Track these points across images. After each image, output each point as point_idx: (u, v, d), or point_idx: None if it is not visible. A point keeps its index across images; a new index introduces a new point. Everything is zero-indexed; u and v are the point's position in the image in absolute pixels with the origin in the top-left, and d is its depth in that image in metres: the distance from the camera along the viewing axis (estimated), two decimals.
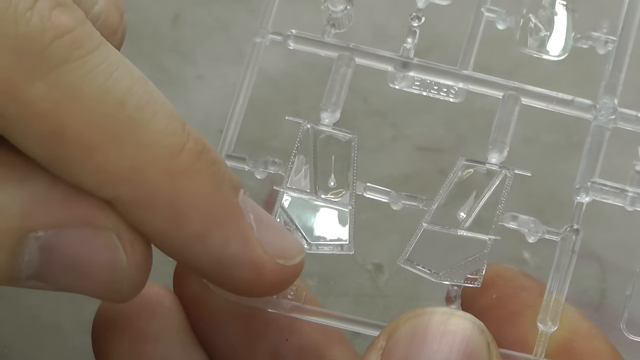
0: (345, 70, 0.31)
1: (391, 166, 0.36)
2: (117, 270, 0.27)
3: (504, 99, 0.31)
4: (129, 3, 0.43)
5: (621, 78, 0.31)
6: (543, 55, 0.31)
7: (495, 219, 0.29)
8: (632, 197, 0.30)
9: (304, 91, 0.42)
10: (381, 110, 0.42)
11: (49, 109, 0.25)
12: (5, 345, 0.38)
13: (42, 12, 0.25)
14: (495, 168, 0.30)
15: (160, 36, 0.42)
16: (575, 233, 0.30)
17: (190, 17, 0.42)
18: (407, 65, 0.31)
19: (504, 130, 0.30)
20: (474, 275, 0.29)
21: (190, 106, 0.41)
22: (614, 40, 0.31)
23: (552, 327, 0.29)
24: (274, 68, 0.38)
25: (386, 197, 0.30)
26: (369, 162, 0.41)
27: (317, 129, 0.30)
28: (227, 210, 0.27)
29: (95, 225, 0.27)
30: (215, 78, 0.41)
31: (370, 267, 0.40)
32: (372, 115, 0.42)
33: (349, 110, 0.42)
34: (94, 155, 0.26)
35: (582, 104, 0.31)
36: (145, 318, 0.31)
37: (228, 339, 0.31)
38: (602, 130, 0.30)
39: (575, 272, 0.30)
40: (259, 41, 0.31)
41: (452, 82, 0.31)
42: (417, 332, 0.27)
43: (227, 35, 0.34)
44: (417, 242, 0.29)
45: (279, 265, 0.28)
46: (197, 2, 0.41)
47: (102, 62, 0.26)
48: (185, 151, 0.27)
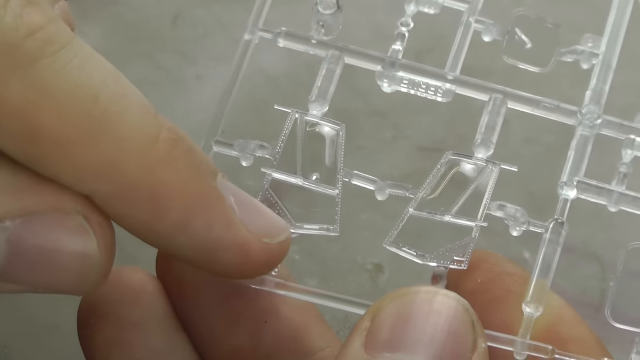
0: (334, 68, 0.31)
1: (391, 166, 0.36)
2: (88, 256, 0.27)
3: (489, 101, 0.31)
4: (129, 3, 0.43)
5: (606, 89, 0.32)
6: (527, 67, 0.32)
7: (482, 208, 0.30)
8: (616, 197, 0.31)
9: (304, 91, 0.42)
10: (381, 110, 0.42)
11: (22, 107, 0.25)
12: (5, 346, 0.38)
13: (15, 9, 0.25)
14: (482, 162, 0.30)
15: (160, 36, 0.42)
16: (560, 226, 0.30)
17: (190, 17, 0.42)
18: (395, 65, 0.31)
19: (489, 131, 0.31)
20: (460, 257, 0.29)
21: (190, 106, 0.41)
22: (597, 55, 0.32)
23: (538, 311, 0.29)
24: (274, 68, 0.38)
25: (372, 185, 0.30)
26: (369, 162, 0.41)
27: (305, 118, 0.30)
28: (207, 196, 0.27)
29: (63, 209, 0.26)
30: (215, 78, 0.41)
31: (370, 267, 0.40)
32: (372, 115, 0.42)
33: (349, 110, 0.42)
34: (70, 151, 0.25)
35: (567, 109, 0.31)
36: (128, 304, 0.31)
37: (209, 321, 0.31)
38: (586, 135, 0.31)
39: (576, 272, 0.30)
40: (249, 38, 0.31)
41: (439, 83, 0.31)
42: (401, 312, 0.27)
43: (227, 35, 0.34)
44: (403, 227, 0.29)
45: (265, 244, 0.28)
46: (197, 2, 0.41)
47: (74, 57, 0.26)
48: (160, 141, 0.26)
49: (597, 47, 0.32)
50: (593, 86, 0.32)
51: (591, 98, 0.32)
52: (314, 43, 0.31)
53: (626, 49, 0.33)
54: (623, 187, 0.31)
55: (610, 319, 0.30)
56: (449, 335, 0.27)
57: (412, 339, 0.27)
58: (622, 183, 0.31)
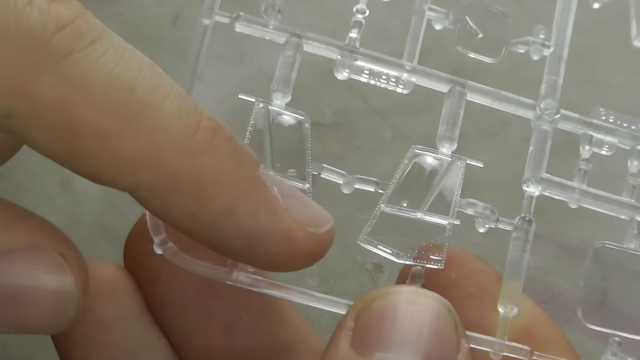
0: (294, 55, 0.30)
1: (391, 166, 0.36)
2: (64, 293, 0.27)
3: (448, 93, 0.31)
4: (129, 3, 0.43)
5: (559, 82, 0.32)
6: (479, 57, 0.32)
7: (453, 205, 0.30)
8: (578, 193, 0.31)
9: (304, 91, 0.42)
10: (381, 110, 0.42)
11: (59, 102, 0.25)
12: (5, 346, 0.38)
13: (40, 6, 0.25)
14: (447, 157, 0.30)
15: (160, 36, 0.42)
16: (528, 223, 0.30)
17: (190, 17, 0.42)
18: (354, 53, 0.31)
19: (451, 124, 0.31)
20: (436, 256, 0.29)
21: None
22: (549, 46, 0.32)
23: (513, 311, 0.29)
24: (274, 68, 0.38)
25: (341, 179, 0.30)
26: (369, 162, 0.41)
27: (270, 108, 0.30)
28: (250, 184, 0.27)
29: (39, 247, 0.26)
30: (215, 78, 0.41)
31: (370, 267, 0.40)
32: (372, 115, 0.42)
33: (349, 110, 0.42)
34: (110, 143, 0.25)
35: (526, 103, 0.31)
36: (102, 301, 0.31)
37: (183, 317, 0.31)
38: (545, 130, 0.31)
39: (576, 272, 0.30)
40: (207, 23, 0.31)
41: (398, 73, 0.31)
42: (386, 313, 0.27)
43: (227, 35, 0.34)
44: (375, 224, 0.29)
45: (311, 234, 0.27)
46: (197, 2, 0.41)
47: (107, 49, 0.25)
48: (200, 129, 0.26)
49: (549, 39, 0.32)
50: (547, 79, 0.32)
51: (546, 91, 0.32)
52: (270, 29, 0.31)
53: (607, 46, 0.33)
54: (584, 185, 0.31)
55: (583, 320, 0.30)
56: (436, 335, 0.27)
57: (401, 339, 0.27)
58: (583, 180, 0.31)
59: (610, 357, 0.30)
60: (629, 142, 0.32)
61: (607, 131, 0.32)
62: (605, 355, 0.30)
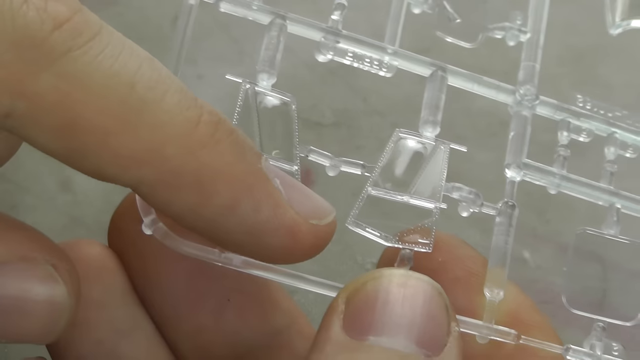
0: (278, 36, 0.30)
1: None
2: (56, 303, 0.27)
3: (430, 77, 0.31)
4: (129, 3, 0.43)
5: (537, 67, 0.32)
6: (456, 41, 0.32)
7: (439, 190, 0.30)
8: (558, 178, 0.31)
9: (304, 91, 0.42)
10: (381, 110, 0.42)
11: (58, 100, 0.25)
12: (6, 345, 0.38)
13: (37, 4, 0.25)
14: (430, 141, 0.30)
15: (160, 36, 0.42)
16: (511, 208, 0.30)
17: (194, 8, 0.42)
18: (337, 35, 0.31)
19: (434, 108, 0.31)
20: (424, 240, 0.29)
21: None
22: (525, 32, 0.32)
23: (499, 296, 0.29)
24: None
25: (327, 161, 0.30)
26: (369, 161, 0.41)
27: (256, 89, 0.30)
28: (253, 177, 0.27)
29: (31, 259, 0.27)
30: (215, 78, 0.41)
31: (370, 267, 0.40)
32: (372, 115, 0.42)
33: (349, 109, 0.42)
34: (111, 140, 0.25)
35: (506, 88, 0.32)
36: (89, 282, 0.30)
37: (171, 298, 0.31)
38: (524, 115, 0.31)
39: None
40: (192, 2, 0.31)
41: (380, 57, 0.31)
42: (378, 296, 0.27)
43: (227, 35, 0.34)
44: (363, 207, 0.30)
45: (313, 226, 0.28)
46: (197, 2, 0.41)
47: (106, 46, 0.25)
48: (201, 124, 0.26)
49: (525, 24, 0.32)
50: (524, 65, 0.32)
51: (524, 77, 0.32)
52: (254, 9, 0.31)
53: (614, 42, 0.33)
54: (564, 170, 0.31)
55: (567, 305, 0.31)
56: (428, 319, 0.27)
57: (394, 323, 0.27)
58: (563, 166, 0.31)
59: (595, 342, 0.30)
60: (606, 128, 0.32)
61: (585, 117, 0.32)
62: (589, 340, 0.30)
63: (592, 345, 0.30)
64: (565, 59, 0.43)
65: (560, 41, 0.43)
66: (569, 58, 0.35)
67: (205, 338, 0.31)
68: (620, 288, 0.31)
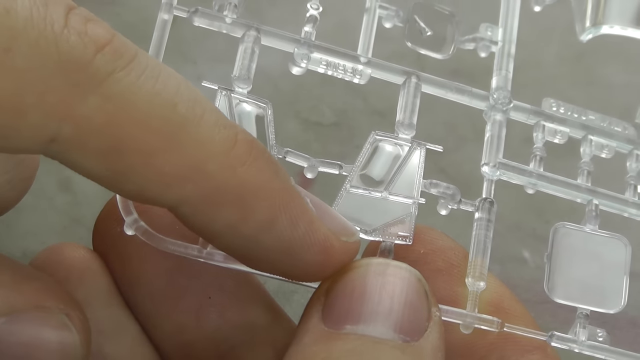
0: (253, 46, 0.31)
1: None
2: (68, 351, 0.27)
3: (403, 84, 0.32)
4: (129, 3, 0.43)
5: (509, 76, 0.33)
6: (428, 53, 0.32)
7: (416, 188, 0.30)
8: (535, 177, 0.32)
9: (304, 91, 0.42)
10: (381, 110, 0.42)
11: (105, 121, 0.25)
12: None
13: (78, 28, 0.25)
14: (406, 142, 0.31)
15: None
16: (489, 204, 0.31)
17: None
18: (310, 46, 0.31)
19: (409, 111, 0.31)
20: (405, 233, 0.30)
21: None
22: (496, 42, 0.33)
23: (481, 285, 0.30)
24: (274, 68, 0.38)
25: (305, 162, 0.31)
26: None
27: (232, 96, 0.30)
28: (288, 194, 0.27)
29: (46, 308, 0.27)
30: (215, 78, 0.41)
31: None
32: (372, 115, 0.42)
33: (349, 110, 0.42)
34: (155, 159, 0.25)
35: (479, 94, 0.32)
36: (72, 284, 0.31)
37: (152, 297, 0.31)
38: (498, 119, 0.32)
39: None
40: (166, 18, 0.31)
41: (353, 65, 0.32)
42: (356, 285, 0.28)
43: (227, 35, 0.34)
44: (342, 203, 0.30)
45: (345, 243, 0.28)
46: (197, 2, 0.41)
47: (146, 67, 0.25)
48: (239, 142, 0.26)
49: (495, 36, 0.33)
50: (497, 74, 0.33)
51: (497, 84, 0.32)
52: (228, 23, 0.31)
53: None
54: (541, 169, 0.32)
55: (550, 294, 0.31)
56: (406, 305, 0.27)
57: (371, 311, 0.27)
58: (540, 165, 0.32)
59: (579, 329, 0.31)
60: (580, 131, 0.33)
61: (557, 121, 0.33)
62: (573, 328, 0.31)
63: (576, 332, 0.31)
64: (565, 59, 0.43)
65: (561, 41, 0.43)
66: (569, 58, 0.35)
67: (188, 336, 0.31)
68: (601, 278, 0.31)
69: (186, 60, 0.42)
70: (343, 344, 0.27)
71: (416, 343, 0.27)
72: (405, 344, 0.27)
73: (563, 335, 0.31)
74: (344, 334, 0.27)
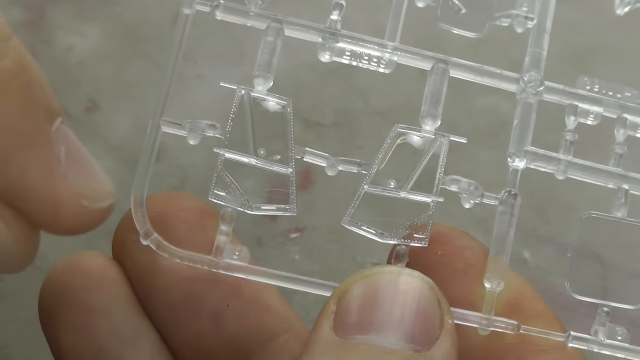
0: (275, 40, 0.30)
1: None
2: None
3: (431, 70, 0.31)
4: (129, 3, 0.43)
5: (544, 54, 0.31)
6: (462, 32, 0.31)
7: (436, 182, 0.30)
8: (564, 165, 0.31)
9: (304, 91, 0.42)
10: (381, 110, 0.42)
11: None
12: (5, 346, 0.38)
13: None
14: (430, 135, 0.30)
15: (160, 36, 0.42)
16: (513, 197, 0.30)
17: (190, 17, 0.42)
18: (335, 35, 0.31)
19: (435, 101, 0.30)
20: (420, 235, 0.29)
21: (190, 106, 0.41)
22: (532, 18, 0.32)
23: (499, 286, 0.29)
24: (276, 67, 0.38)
25: (324, 161, 0.30)
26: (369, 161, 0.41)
27: (252, 95, 0.30)
28: (32, 136, 0.26)
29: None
30: (215, 78, 0.41)
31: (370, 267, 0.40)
32: (372, 115, 0.42)
33: (349, 110, 0.42)
34: None
35: (509, 77, 0.31)
36: (91, 291, 0.30)
37: (170, 305, 0.31)
38: (529, 102, 0.31)
39: None
40: (188, 12, 0.31)
41: (380, 54, 0.31)
42: (368, 294, 0.27)
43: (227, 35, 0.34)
44: (359, 205, 0.29)
45: (81, 207, 0.27)
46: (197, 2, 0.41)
47: None
48: None
49: (532, 11, 0.32)
50: (531, 51, 0.32)
51: (530, 64, 0.31)
52: (252, 15, 0.31)
53: None
54: (570, 156, 0.31)
55: (571, 291, 0.30)
56: (417, 314, 0.27)
57: (382, 320, 0.27)
58: (569, 151, 0.31)
59: (599, 327, 0.30)
60: (615, 110, 0.32)
61: (592, 101, 0.32)
62: (594, 326, 0.30)
63: (595, 331, 0.30)
64: (566, 58, 0.43)
65: (562, 40, 0.43)
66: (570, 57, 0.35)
67: (206, 344, 0.31)
68: (626, 271, 0.31)
69: (186, 59, 0.42)
70: (353, 355, 0.26)
71: (427, 352, 0.27)
72: (416, 354, 0.27)
73: (581, 335, 0.30)
74: (355, 344, 0.27)
